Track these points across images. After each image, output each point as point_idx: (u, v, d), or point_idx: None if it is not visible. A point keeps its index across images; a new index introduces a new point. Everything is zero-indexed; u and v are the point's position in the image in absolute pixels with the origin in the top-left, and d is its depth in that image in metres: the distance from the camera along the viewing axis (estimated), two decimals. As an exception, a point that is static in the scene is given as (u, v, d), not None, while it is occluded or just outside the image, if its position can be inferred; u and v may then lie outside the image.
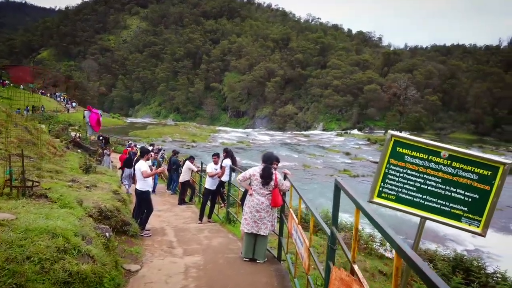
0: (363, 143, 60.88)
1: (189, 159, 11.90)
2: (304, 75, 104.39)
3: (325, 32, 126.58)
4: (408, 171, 2.81)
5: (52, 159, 9.62)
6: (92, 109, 13.92)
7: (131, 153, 12.92)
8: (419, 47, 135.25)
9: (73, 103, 61.02)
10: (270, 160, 5.33)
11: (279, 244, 5.51)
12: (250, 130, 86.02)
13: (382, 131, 76.87)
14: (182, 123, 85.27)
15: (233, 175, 8.65)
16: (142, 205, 7.33)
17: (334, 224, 2.85)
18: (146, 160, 7.44)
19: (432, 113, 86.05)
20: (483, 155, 2.66)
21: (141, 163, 7.23)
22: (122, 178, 12.44)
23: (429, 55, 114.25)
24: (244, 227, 5.30)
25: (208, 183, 8.73)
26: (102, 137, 24.73)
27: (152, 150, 15.17)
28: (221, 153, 9.23)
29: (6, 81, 49.38)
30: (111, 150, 19.34)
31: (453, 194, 2.71)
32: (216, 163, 8.89)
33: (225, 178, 8.71)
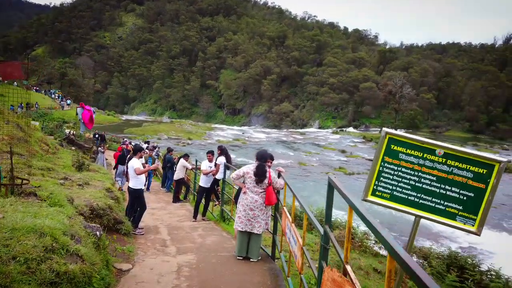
0: (358, 141, 61.07)
1: (184, 156, 11.84)
2: (300, 72, 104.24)
3: (321, 30, 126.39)
4: (403, 169, 2.76)
5: (44, 156, 9.51)
6: (85, 106, 13.76)
7: (125, 150, 12.81)
8: (415, 45, 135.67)
9: (68, 100, 60.53)
10: (264, 158, 5.28)
11: (273, 243, 5.46)
12: (246, 128, 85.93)
13: (378, 129, 77.00)
14: (178, 120, 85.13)
15: (228, 172, 8.59)
16: (135, 203, 7.25)
17: (327, 223, 2.80)
18: (139, 158, 7.35)
19: (427, 111, 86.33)
20: (479, 153, 2.62)
21: (134, 160, 7.14)
22: (116, 175, 12.34)
23: (425, 53, 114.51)
24: (238, 225, 5.25)
25: (203, 181, 8.67)
26: (98, 135, 24.60)
27: (147, 148, 15.13)
28: (216, 150, 9.17)
29: (-1, 78, 48.81)
30: (106, 147, 19.19)
31: (448, 192, 2.67)
32: (211, 160, 8.84)
33: (219, 176, 8.66)
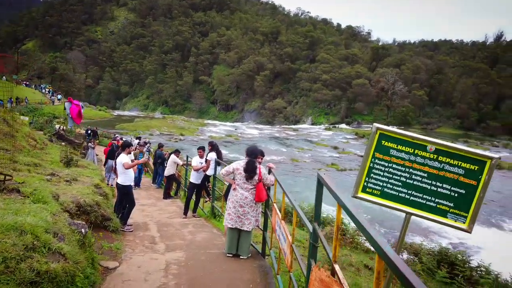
0: (351, 137, 61.41)
1: (175, 152, 11.73)
2: (293, 69, 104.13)
3: (315, 26, 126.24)
4: (394, 166, 2.69)
5: (31, 152, 9.33)
6: (73, 101, 13.55)
7: (114, 145, 12.65)
8: (407, 42, 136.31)
9: (59, 95, 59.83)
10: (254, 154, 5.20)
11: (263, 240, 5.40)
12: (239, 124, 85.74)
13: (370, 125, 76.96)
14: (170, 116, 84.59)
15: (218, 168, 8.50)
16: (124, 199, 7.13)
17: (316, 220, 2.73)
18: (127, 153, 7.21)
19: (419, 107, 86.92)
20: (471, 149, 2.56)
21: (122, 156, 7.01)
22: (106, 170, 12.19)
23: (417, 50, 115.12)
24: (228, 222, 5.18)
25: (193, 177, 8.57)
26: (91, 130, 24.34)
27: (138, 143, 14.95)
28: (207, 146, 9.07)
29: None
30: (96, 143, 18.95)
31: (439, 189, 2.61)
32: (201, 156, 8.73)
33: (210, 172, 8.56)
